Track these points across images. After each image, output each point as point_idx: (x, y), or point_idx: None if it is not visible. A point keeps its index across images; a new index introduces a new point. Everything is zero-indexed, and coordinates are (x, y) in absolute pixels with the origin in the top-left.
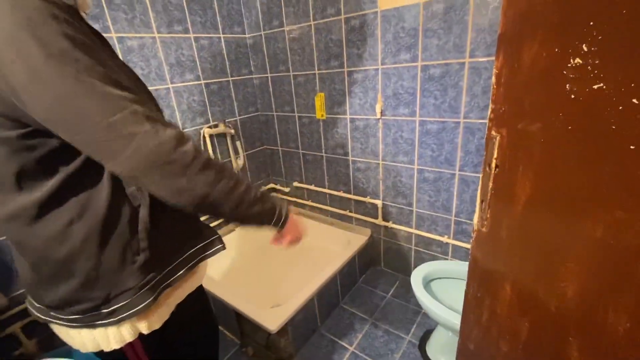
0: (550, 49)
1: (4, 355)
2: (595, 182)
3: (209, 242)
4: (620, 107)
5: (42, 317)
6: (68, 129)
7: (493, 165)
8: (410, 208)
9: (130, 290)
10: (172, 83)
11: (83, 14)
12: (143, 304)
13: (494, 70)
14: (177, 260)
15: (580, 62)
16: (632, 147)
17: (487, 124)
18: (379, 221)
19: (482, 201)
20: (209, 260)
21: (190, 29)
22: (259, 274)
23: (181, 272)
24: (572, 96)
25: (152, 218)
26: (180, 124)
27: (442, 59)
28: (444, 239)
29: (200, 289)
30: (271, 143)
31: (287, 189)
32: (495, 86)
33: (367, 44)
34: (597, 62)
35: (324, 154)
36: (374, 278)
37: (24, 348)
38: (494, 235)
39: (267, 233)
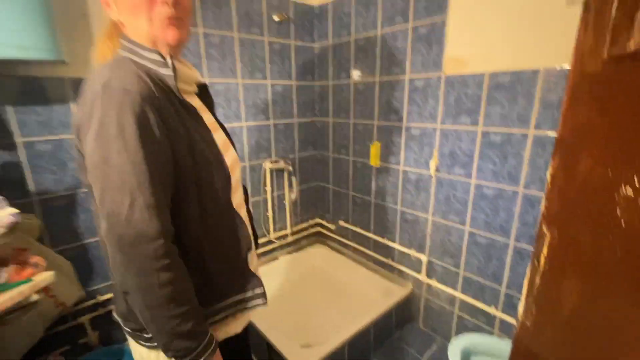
0: (604, 169)
1: (71, 341)
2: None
3: (251, 297)
4: None
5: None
6: (94, 185)
7: (542, 262)
8: (457, 270)
9: None
10: (246, 121)
11: (183, 85)
12: None
13: (550, 170)
14: (215, 305)
15: (632, 194)
16: None
17: (540, 217)
18: (422, 277)
19: (527, 294)
20: None
21: (268, 76)
22: (294, 307)
23: (217, 316)
24: (623, 224)
25: (195, 263)
26: (247, 157)
27: (505, 127)
28: (491, 310)
29: (245, 334)
30: (324, 181)
31: (332, 226)
32: (550, 185)
33: (428, 103)
34: None
35: (372, 199)
36: (410, 336)
37: (87, 338)
38: (538, 332)
39: (309, 267)
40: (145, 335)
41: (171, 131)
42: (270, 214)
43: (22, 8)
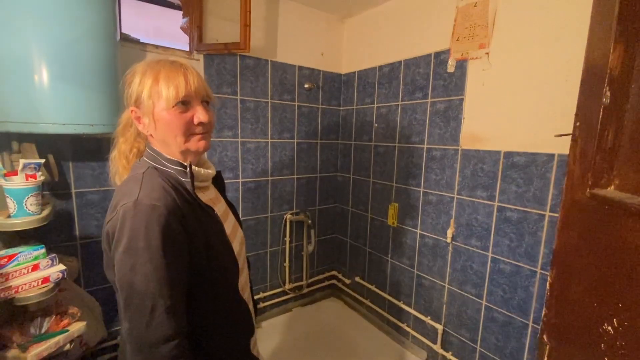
0: (591, 300)
1: None
2: None
3: None
4: None
5: None
6: (120, 291)
7: None
8: (474, 345)
9: None
10: (271, 176)
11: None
12: None
13: (549, 279)
14: None
15: (612, 332)
16: None
17: (541, 325)
18: (437, 347)
19: None
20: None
21: (295, 136)
22: None
23: None
24: (606, 357)
25: (203, 353)
26: (269, 209)
27: (521, 206)
28: None
29: None
30: (342, 234)
31: (348, 281)
32: (548, 293)
33: (445, 173)
34: (623, 343)
35: (389, 259)
36: None
37: None
38: None
39: (322, 322)
40: None
41: (190, 235)
42: (287, 264)
43: (99, 89)
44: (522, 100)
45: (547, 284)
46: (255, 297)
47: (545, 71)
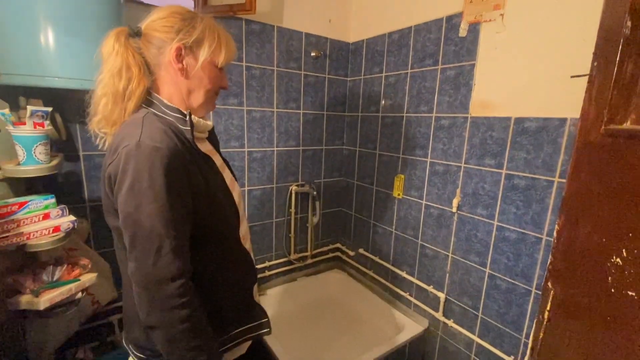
0: (599, 237)
1: (100, 338)
2: None
3: (256, 326)
4: None
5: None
6: (125, 230)
7: (546, 316)
8: (476, 312)
9: None
10: (277, 147)
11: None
12: None
13: (556, 227)
14: (224, 335)
15: (620, 263)
16: None
17: (546, 274)
18: (439, 315)
19: (532, 348)
20: (263, 302)
21: (301, 106)
22: (307, 331)
23: (226, 346)
24: (613, 290)
25: (207, 298)
26: (275, 179)
27: (529, 173)
28: None
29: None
30: (347, 207)
31: (352, 253)
32: (555, 241)
33: (453, 142)
34: (632, 271)
35: (394, 230)
36: None
37: (114, 337)
38: None
39: (326, 292)
40: None
41: (191, 179)
42: (292, 235)
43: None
44: (536, 64)
45: (555, 232)
46: (261, 265)
47: (561, 32)
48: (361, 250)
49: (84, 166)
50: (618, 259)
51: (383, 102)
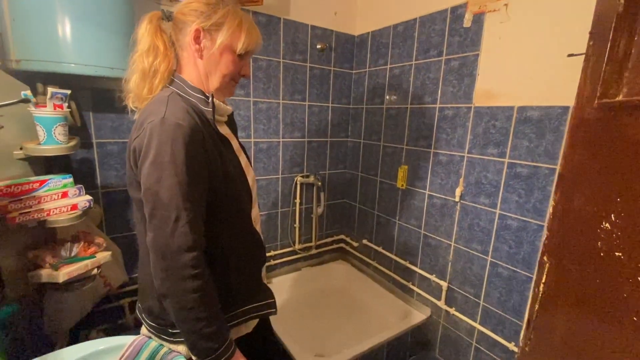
0: (591, 207)
1: (111, 320)
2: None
3: (263, 305)
4: (631, 280)
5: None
6: (146, 202)
7: (541, 288)
8: (478, 300)
9: None
10: (283, 138)
11: (219, 117)
12: None
13: (551, 202)
14: (232, 311)
15: (609, 227)
16: (634, 318)
17: (542, 249)
18: (441, 304)
19: (528, 321)
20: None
21: (307, 98)
22: (311, 318)
23: (233, 322)
24: (602, 254)
25: (218, 273)
26: (280, 170)
27: (531, 161)
28: (511, 346)
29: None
30: (351, 199)
31: (355, 244)
32: (551, 216)
33: (456, 132)
34: (619, 233)
35: (397, 221)
36: None
37: (125, 319)
38: (535, 358)
39: (330, 281)
40: (170, 331)
41: (210, 158)
42: (297, 225)
43: (118, 33)
44: (539, 53)
45: (550, 207)
46: (266, 254)
47: (565, 21)
48: (365, 241)
49: (96, 153)
50: (607, 224)
51: (387, 95)
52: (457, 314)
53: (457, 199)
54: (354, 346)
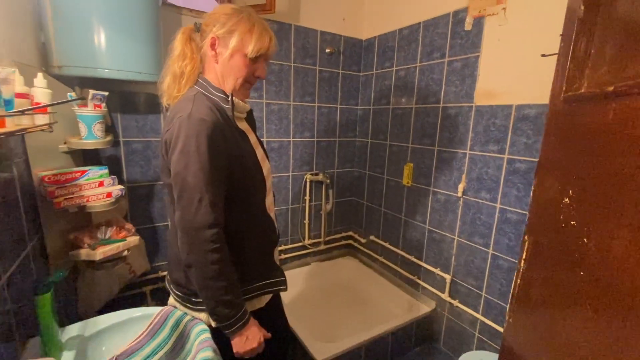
0: (558, 185)
1: (134, 306)
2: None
3: (274, 282)
4: (580, 242)
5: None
6: (175, 185)
7: (522, 264)
8: (480, 292)
9: None
10: (293, 138)
11: (238, 114)
12: None
13: (532, 187)
14: (246, 286)
15: (568, 201)
16: (582, 273)
17: (524, 229)
18: (445, 296)
19: (512, 296)
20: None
21: (316, 100)
22: (319, 309)
23: (247, 295)
24: (563, 225)
25: (235, 251)
26: (291, 168)
27: (529, 157)
28: None
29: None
30: (359, 196)
31: (363, 240)
32: (532, 199)
33: (459, 130)
34: (574, 205)
35: (403, 217)
36: (429, 354)
37: (147, 306)
38: (517, 327)
39: (338, 276)
40: (193, 299)
41: (229, 149)
42: (306, 221)
43: (145, 42)
44: (536, 53)
45: (531, 192)
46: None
47: (559, 24)
48: (372, 237)
49: (123, 151)
50: (567, 199)
51: (393, 96)
52: (460, 305)
53: (459, 195)
54: (359, 334)
